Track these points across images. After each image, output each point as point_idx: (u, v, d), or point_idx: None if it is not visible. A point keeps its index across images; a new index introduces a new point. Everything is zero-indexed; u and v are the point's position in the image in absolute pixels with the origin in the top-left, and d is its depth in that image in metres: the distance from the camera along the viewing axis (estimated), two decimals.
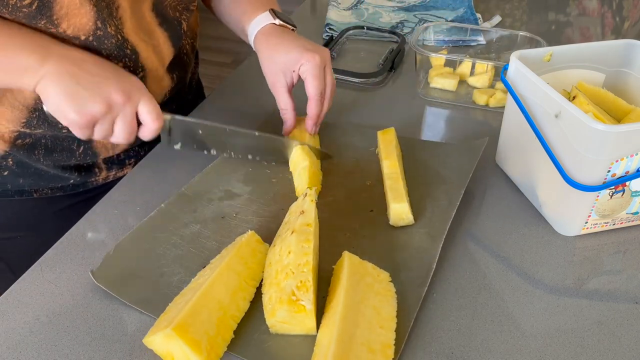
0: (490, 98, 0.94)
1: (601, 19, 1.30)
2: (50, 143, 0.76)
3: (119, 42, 0.70)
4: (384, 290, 0.59)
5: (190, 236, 0.67)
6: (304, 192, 0.66)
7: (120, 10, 0.70)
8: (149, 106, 0.65)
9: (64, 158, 0.78)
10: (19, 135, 0.74)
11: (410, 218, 0.68)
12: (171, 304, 0.57)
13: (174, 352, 0.52)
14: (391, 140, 0.79)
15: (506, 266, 0.65)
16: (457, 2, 1.28)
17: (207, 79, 1.16)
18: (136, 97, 0.64)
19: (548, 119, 0.67)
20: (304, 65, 0.75)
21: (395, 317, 0.56)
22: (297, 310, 0.54)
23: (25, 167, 0.77)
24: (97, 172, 0.83)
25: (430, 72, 1.00)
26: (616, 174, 0.63)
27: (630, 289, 0.63)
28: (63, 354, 0.55)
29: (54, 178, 0.79)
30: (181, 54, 0.84)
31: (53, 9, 0.63)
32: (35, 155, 0.76)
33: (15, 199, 0.79)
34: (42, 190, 0.80)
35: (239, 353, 0.54)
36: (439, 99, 0.97)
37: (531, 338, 0.57)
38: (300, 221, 0.60)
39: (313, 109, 0.77)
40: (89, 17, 0.66)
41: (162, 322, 0.54)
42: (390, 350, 0.53)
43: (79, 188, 0.82)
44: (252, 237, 0.63)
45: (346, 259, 0.60)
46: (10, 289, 0.61)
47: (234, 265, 0.59)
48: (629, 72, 0.78)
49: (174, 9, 0.79)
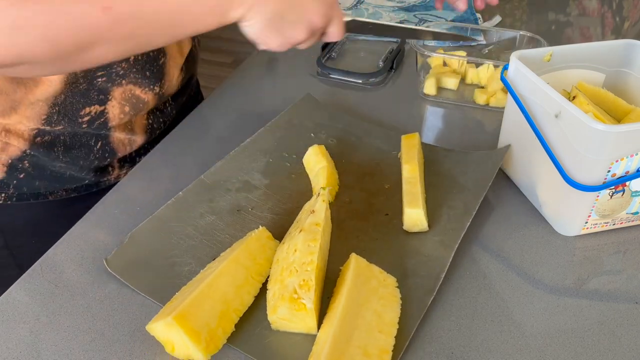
0: (491, 97, 0.94)
1: (601, 19, 1.30)
2: (69, 140, 0.77)
3: None
4: (389, 295, 0.58)
5: (204, 227, 0.67)
6: (318, 192, 0.65)
7: None
8: (338, 24, 0.68)
9: (83, 155, 0.78)
10: (39, 132, 0.75)
11: (424, 224, 0.67)
12: (178, 293, 0.58)
13: (174, 340, 0.52)
14: (414, 145, 0.77)
15: (506, 266, 0.65)
16: None
17: (207, 79, 1.17)
18: (333, 17, 0.66)
19: (548, 119, 0.67)
20: None
21: (397, 324, 0.56)
22: (297, 308, 0.54)
23: (41, 169, 0.77)
24: (111, 171, 0.83)
25: (431, 72, 1.00)
26: (616, 174, 0.63)
27: (630, 289, 0.63)
28: (63, 354, 0.55)
29: (70, 179, 0.80)
30: (194, 47, 0.85)
31: None
32: (54, 152, 0.76)
33: (30, 202, 0.79)
34: (57, 192, 0.80)
35: (238, 346, 0.55)
36: (440, 99, 0.96)
37: (531, 338, 0.57)
38: (309, 220, 0.60)
39: None
40: None
41: (166, 310, 0.55)
42: (387, 356, 0.52)
43: (93, 188, 0.82)
44: (262, 233, 0.63)
45: (353, 261, 0.59)
46: (10, 289, 0.61)
47: (241, 259, 0.59)
48: (629, 72, 0.78)
49: None
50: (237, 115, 0.90)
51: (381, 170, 0.77)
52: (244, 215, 0.69)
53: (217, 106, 0.94)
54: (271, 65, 1.06)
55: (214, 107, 0.94)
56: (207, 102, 0.95)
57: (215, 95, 0.97)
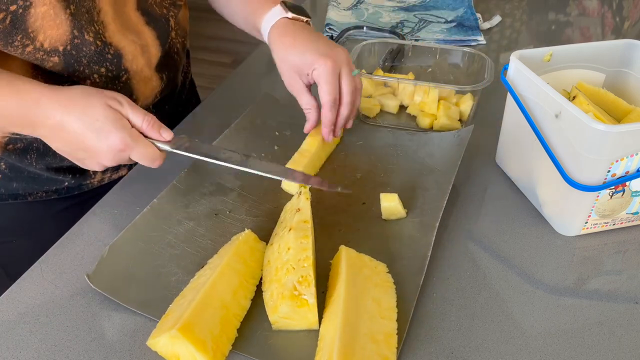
0: (435, 122, 0.87)
1: (601, 19, 1.30)
2: (42, 147, 0.75)
3: (99, 48, 0.70)
4: (383, 281, 0.60)
5: (184, 234, 0.67)
6: (298, 191, 0.66)
7: (102, 14, 0.70)
8: (141, 154, 0.64)
9: (57, 161, 0.77)
10: (10, 140, 0.74)
11: (402, 213, 0.69)
12: (172, 305, 0.57)
13: (179, 353, 0.52)
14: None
15: (506, 266, 0.65)
16: (457, 2, 1.28)
17: (207, 79, 1.16)
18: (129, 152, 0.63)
19: (548, 119, 0.67)
20: (316, 70, 0.72)
21: (396, 307, 0.57)
22: (299, 304, 0.54)
23: (18, 171, 0.77)
24: (92, 175, 0.82)
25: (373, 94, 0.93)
26: (616, 174, 0.63)
27: (630, 289, 0.63)
28: (63, 354, 0.55)
29: (48, 181, 0.79)
30: (171, 53, 0.83)
31: (27, 22, 0.62)
32: (27, 159, 0.76)
33: (9, 202, 0.78)
34: (36, 193, 0.79)
35: (243, 351, 0.55)
36: (380, 122, 0.90)
37: (531, 338, 0.57)
38: (297, 219, 0.61)
39: (327, 115, 0.74)
40: (65, 27, 0.66)
41: (165, 324, 0.54)
42: (393, 340, 0.53)
43: (74, 191, 0.82)
44: (249, 236, 0.63)
45: (343, 252, 0.60)
46: (10, 289, 0.61)
47: (234, 264, 0.59)
48: (629, 72, 0.78)
49: (160, 6, 0.78)
50: (236, 116, 0.90)
51: (350, 161, 0.79)
52: (223, 218, 0.69)
53: (215, 107, 0.94)
54: (271, 65, 1.06)
55: (212, 107, 0.94)
56: (206, 102, 0.95)
57: (215, 96, 0.97)
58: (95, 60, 0.70)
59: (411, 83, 0.89)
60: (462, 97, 0.88)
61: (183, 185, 0.73)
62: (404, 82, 0.90)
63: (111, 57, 0.72)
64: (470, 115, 0.87)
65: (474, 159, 0.80)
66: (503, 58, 1.12)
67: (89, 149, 0.62)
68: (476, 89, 0.84)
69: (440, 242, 0.67)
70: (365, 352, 0.51)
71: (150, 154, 0.64)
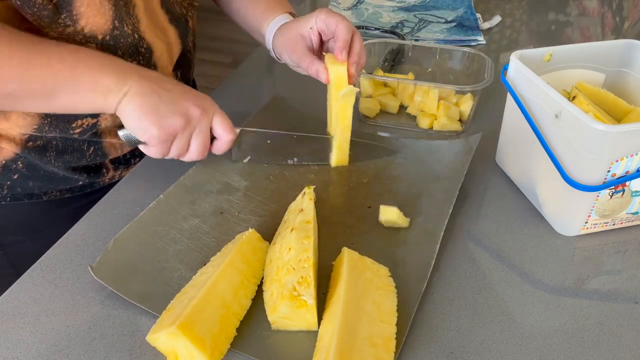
0: (435, 122, 0.88)
1: (601, 19, 1.30)
2: (62, 144, 0.76)
3: (135, 41, 0.71)
4: (384, 284, 0.59)
5: (189, 231, 0.67)
6: (302, 191, 0.66)
7: (136, 8, 0.71)
8: (223, 119, 0.69)
9: (75, 159, 0.78)
10: (30, 137, 0.74)
11: (403, 224, 0.68)
12: (173, 301, 0.57)
13: (178, 350, 0.52)
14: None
15: (506, 266, 0.65)
16: (457, 2, 1.29)
17: (207, 79, 1.16)
18: (211, 111, 0.68)
19: (548, 119, 0.67)
20: (319, 15, 0.73)
21: (396, 312, 0.57)
22: (298, 305, 0.54)
23: (35, 170, 0.77)
24: (105, 172, 0.83)
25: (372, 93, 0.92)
26: (616, 174, 0.63)
27: (630, 289, 0.63)
28: (63, 354, 0.55)
29: (63, 180, 0.79)
30: (186, 52, 0.84)
31: (73, 3, 0.64)
32: (46, 157, 0.76)
33: (24, 202, 0.79)
34: (51, 192, 0.80)
35: (241, 350, 0.55)
36: (380, 122, 0.90)
37: (531, 338, 0.57)
38: (299, 219, 0.61)
39: (343, 32, 0.71)
40: (107, 16, 0.67)
41: (165, 320, 0.54)
42: (391, 344, 0.53)
43: (87, 189, 0.82)
44: (253, 235, 0.63)
45: (345, 254, 0.60)
46: (10, 288, 0.61)
47: (236, 263, 0.59)
48: (629, 72, 0.78)
49: (180, 5, 0.80)
50: (236, 116, 0.90)
51: (357, 166, 0.79)
52: (228, 217, 0.70)
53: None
54: (271, 65, 1.06)
55: None
56: None
57: (215, 96, 0.97)
58: (130, 52, 0.72)
59: (411, 83, 0.89)
60: (462, 97, 0.88)
61: (190, 182, 0.74)
62: (404, 82, 0.90)
63: (144, 51, 0.74)
64: (470, 115, 0.87)
65: (474, 159, 0.80)
66: (503, 58, 1.12)
67: (174, 99, 0.65)
68: (476, 89, 0.84)
69: (440, 242, 0.67)
70: (363, 354, 0.51)
71: (207, 141, 0.68)
